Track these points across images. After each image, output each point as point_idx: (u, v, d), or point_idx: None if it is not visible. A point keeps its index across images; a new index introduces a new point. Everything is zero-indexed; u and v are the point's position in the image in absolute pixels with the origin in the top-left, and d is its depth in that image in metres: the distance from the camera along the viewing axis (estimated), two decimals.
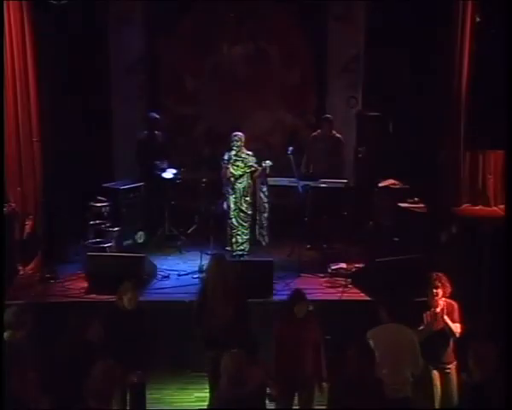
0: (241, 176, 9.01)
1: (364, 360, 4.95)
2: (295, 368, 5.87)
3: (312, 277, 8.39)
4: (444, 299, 6.06)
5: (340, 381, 5.13)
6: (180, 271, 8.59)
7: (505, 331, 5.91)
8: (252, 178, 9.09)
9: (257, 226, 9.51)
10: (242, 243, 9.07)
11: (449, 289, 6.11)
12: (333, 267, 8.51)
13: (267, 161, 8.99)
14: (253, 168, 9.03)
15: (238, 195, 9.04)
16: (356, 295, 7.88)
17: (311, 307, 6.37)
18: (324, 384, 5.90)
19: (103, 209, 8.89)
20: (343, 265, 8.53)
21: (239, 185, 9.03)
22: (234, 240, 9.05)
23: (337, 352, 5.85)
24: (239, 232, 9.06)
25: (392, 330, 5.72)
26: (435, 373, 6.06)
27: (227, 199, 9.14)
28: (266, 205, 9.29)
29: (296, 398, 6.06)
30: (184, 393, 7.04)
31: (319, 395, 5.96)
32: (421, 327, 5.99)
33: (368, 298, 7.72)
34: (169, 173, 9.63)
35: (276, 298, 7.70)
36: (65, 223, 8.89)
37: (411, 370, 5.64)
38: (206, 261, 8.29)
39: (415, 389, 5.69)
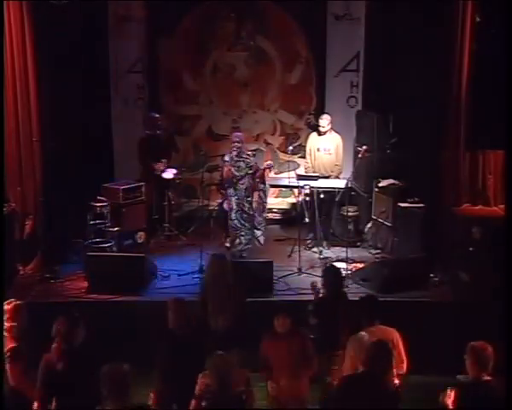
0: (242, 177, 9.01)
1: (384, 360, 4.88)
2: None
3: (312, 277, 8.38)
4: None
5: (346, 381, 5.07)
6: (180, 271, 8.59)
7: (505, 331, 5.90)
8: (253, 178, 9.09)
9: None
10: (246, 244, 9.07)
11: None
12: None
13: (269, 162, 8.99)
14: (254, 168, 9.03)
15: (240, 195, 9.04)
16: (356, 295, 7.87)
17: (310, 307, 6.38)
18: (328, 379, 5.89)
19: (103, 209, 8.89)
20: (343, 265, 8.52)
21: (241, 186, 9.03)
22: (237, 241, 9.03)
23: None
24: (242, 233, 9.04)
25: (378, 332, 5.61)
26: None
27: (228, 199, 9.14)
28: (265, 205, 9.28)
29: None
30: None
31: None
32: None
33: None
34: (169, 173, 9.63)
35: (276, 298, 7.71)
36: (65, 223, 8.89)
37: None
38: (206, 261, 8.33)
39: None
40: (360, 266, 8.44)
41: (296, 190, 9.32)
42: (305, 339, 5.85)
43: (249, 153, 9.10)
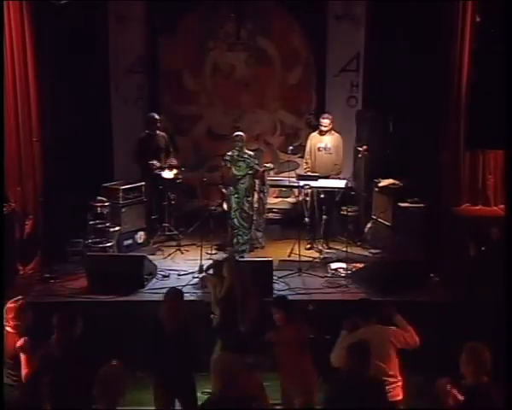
0: (243, 176, 9.02)
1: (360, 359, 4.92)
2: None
3: (312, 277, 8.39)
4: None
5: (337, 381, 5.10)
6: (180, 271, 8.59)
7: (505, 332, 5.90)
8: (253, 178, 9.10)
9: (253, 228, 9.42)
10: (243, 244, 9.08)
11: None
12: (333, 267, 8.51)
13: (269, 164, 9.00)
14: (254, 169, 9.04)
15: (240, 195, 9.06)
16: (356, 295, 7.88)
17: (311, 307, 6.38)
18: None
19: (103, 209, 8.90)
20: (343, 265, 8.53)
21: (241, 186, 9.05)
22: (235, 240, 9.06)
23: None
24: (240, 232, 9.07)
25: (375, 329, 5.63)
26: None
27: (228, 199, 9.15)
28: (265, 207, 9.28)
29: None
30: None
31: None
32: None
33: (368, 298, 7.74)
34: (169, 173, 9.63)
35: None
36: (65, 223, 8.89)
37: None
38: (205, 261, 8.34)
39: None
40: (360, 266, 8.44)
41: (296, 190, 9.33)
42: (302, 327, 5.91)
43: (250, 153, 9.11)
